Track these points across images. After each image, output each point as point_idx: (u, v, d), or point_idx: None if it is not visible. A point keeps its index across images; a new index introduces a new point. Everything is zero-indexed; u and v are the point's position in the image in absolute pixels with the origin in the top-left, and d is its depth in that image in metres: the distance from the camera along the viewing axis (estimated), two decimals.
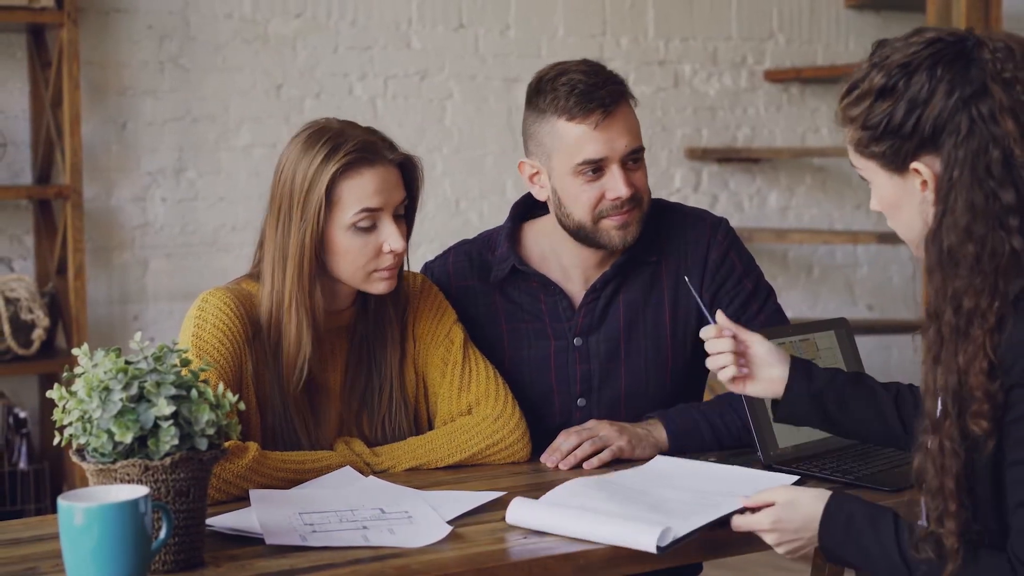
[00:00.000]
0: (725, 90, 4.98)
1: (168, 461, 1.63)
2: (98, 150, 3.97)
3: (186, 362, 1.72)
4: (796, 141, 5.13)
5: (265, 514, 1.83)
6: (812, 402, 1.94)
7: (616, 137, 2.24)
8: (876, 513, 1.68)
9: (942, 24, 4.09)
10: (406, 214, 2.18)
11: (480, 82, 4.52)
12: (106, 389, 1.64)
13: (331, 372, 2.19)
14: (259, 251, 2.18)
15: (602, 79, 2.25)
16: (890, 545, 1.64)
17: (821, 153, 4.90)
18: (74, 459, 1.68)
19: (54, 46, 3.79)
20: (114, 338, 3.96)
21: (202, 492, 1.69)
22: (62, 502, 1.56)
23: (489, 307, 2.39)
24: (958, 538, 1.58)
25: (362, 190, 2.10)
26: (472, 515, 1.89)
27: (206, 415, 1.66)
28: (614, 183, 2.25)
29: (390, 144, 2.15)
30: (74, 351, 1.72)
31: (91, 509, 1.54)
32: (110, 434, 1.63)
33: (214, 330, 2.07)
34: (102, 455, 1.65)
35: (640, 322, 2.36)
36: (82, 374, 1.67)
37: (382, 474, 2.12)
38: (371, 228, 2.12)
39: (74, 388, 1.66)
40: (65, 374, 1.71)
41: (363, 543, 1.76)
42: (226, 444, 1.78)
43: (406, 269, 2.27)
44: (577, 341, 2.36)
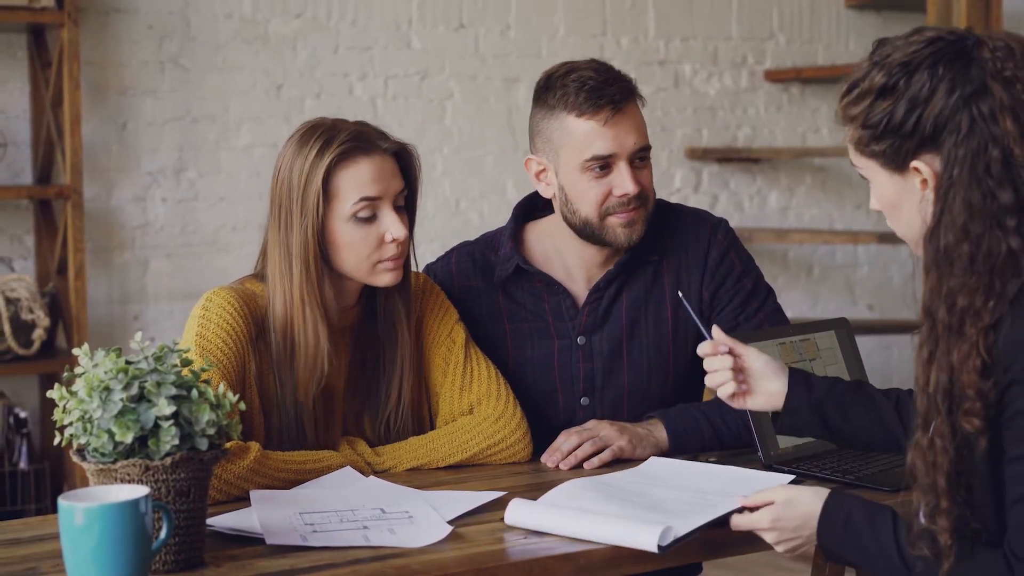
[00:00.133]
0: (725, 90, 4.98)
1: (168, 461, 1.63)
2: (98, 150, 3.97)
3: (187, 362, 1.72)
4: (796, 141, 5.12)
5: (265, 514, 1.83)
6: (812, 412, 1.93)
7: (625, 134, 2.25)
8: (874, 511, 1.68)
9: (942, 24, 4.09)
10: (407, 205, 2.18)
11: (480, 82, 4.52)
12: (106, 389, 1.64)
13: (334, 372, 2.19)
14: (262, 258, 2.18)
15: (612, 77, 2.27)
16: (888, 543, 1.65)
17: (821, 153, 4.89)
18: (74, 459, 1.68)
19: (54, 46, 3.79)
20: (114, 338, 3.96)
21: (202, 492, 1.69)
22: (62, 502, 1.56)
23: (492, 307, 2.39)
24: (951, 535, 1.58)
25: (359, 179, 2.10)
26: (472, 515, 1.89)
27: (207, 415, 1.66)
28: (622, 180, 2.25)
29: (383, 134, 2.15)
30: (74, 351, 1.72)
31: (91, 509, 1.54)
32: (110, 434, 1.63)
33: (218, 329, 2.07)
34: (102, 455, 1.65)
35: (642, 321, 2.36)
36: (82, 374, 1.67)
37: (383, 474, 2.12)
38: (371, 218, 2.12)
39: (74, 388, 1.66)
40: (65, 374, 1.71)
41: (363, 543, 1.75)
42: (227, 444, 1.78)
43: (412, 270, 2.26)
44: (580, 340, 2.36)
